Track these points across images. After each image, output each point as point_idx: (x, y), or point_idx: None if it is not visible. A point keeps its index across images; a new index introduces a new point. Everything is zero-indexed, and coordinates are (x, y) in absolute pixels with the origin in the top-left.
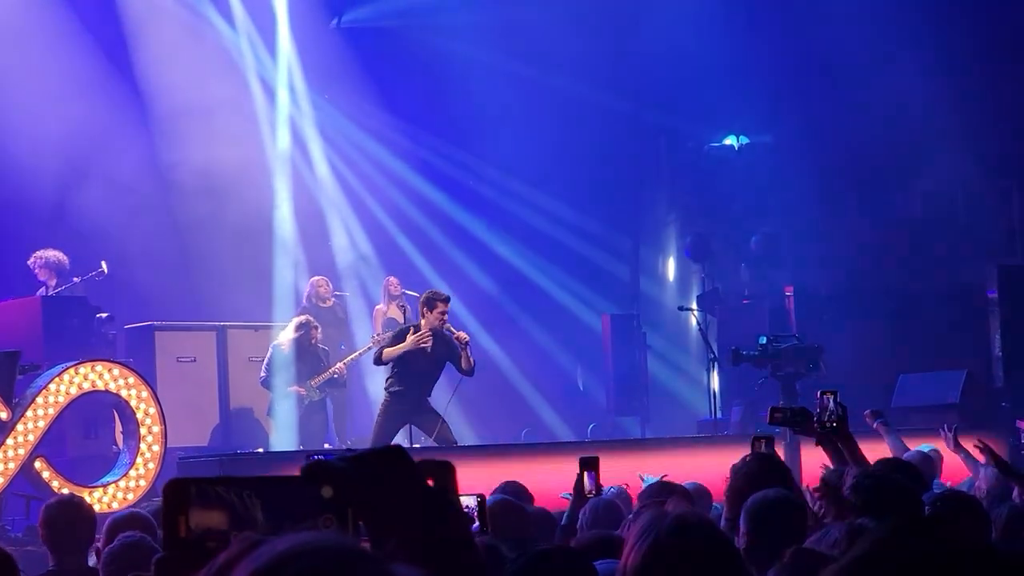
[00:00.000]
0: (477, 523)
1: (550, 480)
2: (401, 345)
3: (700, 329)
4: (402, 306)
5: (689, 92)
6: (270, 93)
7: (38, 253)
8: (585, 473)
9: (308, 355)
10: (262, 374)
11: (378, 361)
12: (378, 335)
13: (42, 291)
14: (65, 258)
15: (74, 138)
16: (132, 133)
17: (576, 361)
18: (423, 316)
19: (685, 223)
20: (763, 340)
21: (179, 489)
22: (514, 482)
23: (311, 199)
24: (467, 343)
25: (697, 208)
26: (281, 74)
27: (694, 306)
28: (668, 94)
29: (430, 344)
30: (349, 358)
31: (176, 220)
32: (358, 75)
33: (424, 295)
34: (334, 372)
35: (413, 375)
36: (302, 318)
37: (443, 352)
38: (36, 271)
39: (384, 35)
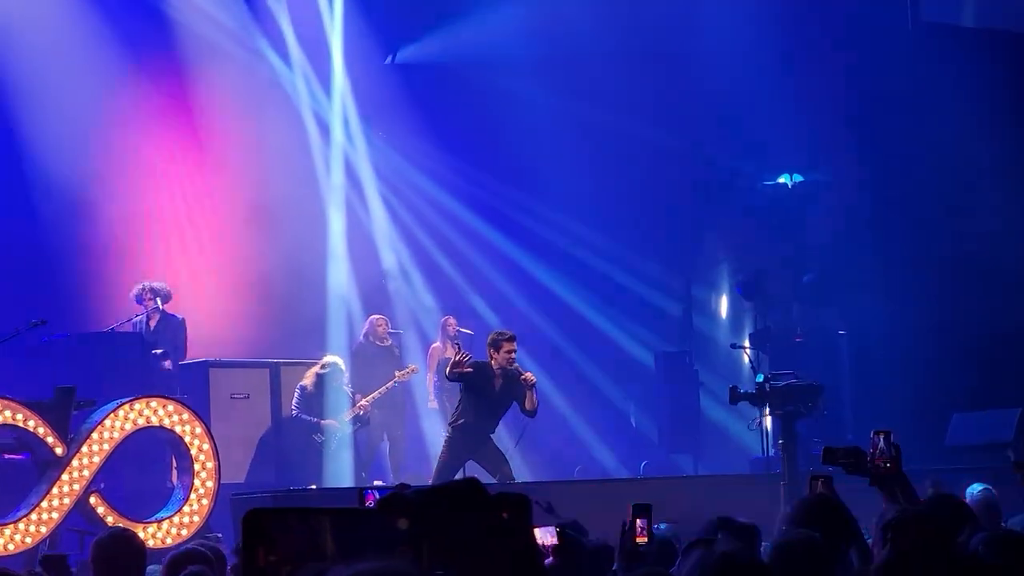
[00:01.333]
0: (550, 557)
1: (602, 518)
2: (464, 367)
3: (752, 367)
4: (457, 344)
5: (743, 130)
6: (324, 129)
7: (143, 283)
8: (637, 520)
9: (334, 392)
10: (293, 412)
11: (449, 376)
12: (399, 373)
13: (140, 318)
14: (168, 286)
15: (128, 174)
16: (186, 169)
17: (629, 398)
18: (491, 357)
19: (738, 261)
20: (760, 378)
21: (257, 520)
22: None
23: (365, 236)
24: (533, 384)
25: (750, 246)
26: (336, 111)
27: (746, 344)
28: (722, 132)
29: (470, 370)
30: (373, 395)
31: (230, 256)
32: (411, 112)
33: (490, 336)
34: (360, 409)
35: (479, 411)
36: (330, 359)
37: (510, 391)
38: (143, 300)
39: (437, 72)
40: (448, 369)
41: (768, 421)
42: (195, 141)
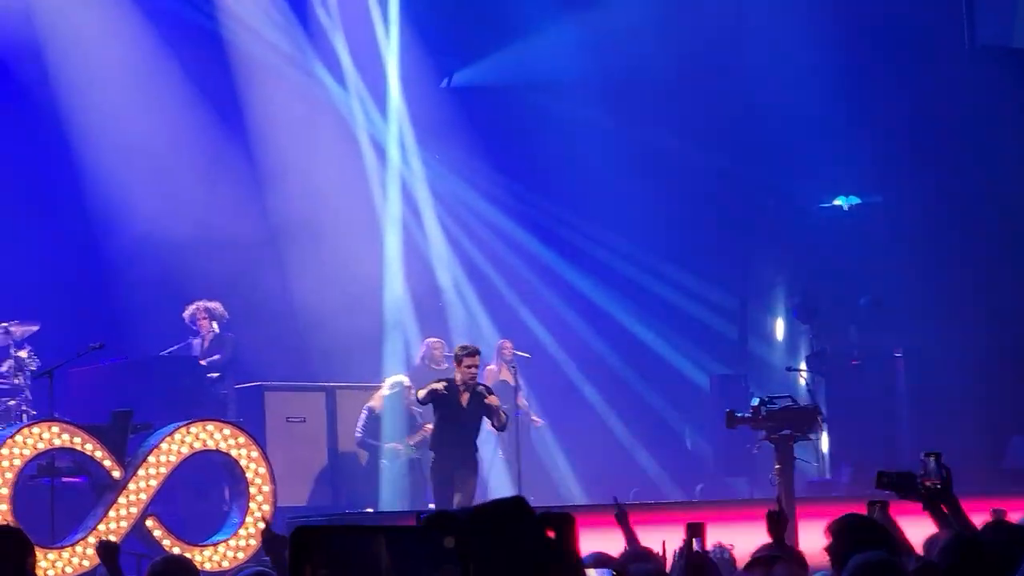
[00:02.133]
0: None
1: (658, 540)
2: (430, 386)
3: (809, 390)
4: (513, 367)
5: (799, 152)
6: (380, 151)
7: (198, 303)
8: (692, 539)
9: (402, 414)
10: (358, 435)
11: (421, 399)
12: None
13: (198, 341)
14: (222, 307)
15: (184, 197)
16: (241, 192)
17: (684, 421)
18: (456, 369)
19: (793, 283)
20: (755, 402)
21: (305, 536)
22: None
23: (421, 258)
24: (496, 407)
25: (806, 268)
26: (391, 133)
27: (803, 367)
28: (777, 154)
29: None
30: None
31: (285, 280)
32: (467, 134)
33: (454, 351)
34: (424, 433)
35: (450, 427)
36: (396, 378)
37: (478, 406)
38: (198, 321)
39: (493, 94)
40: (422, 393)
41: (825, 443)
42: (251, 163)
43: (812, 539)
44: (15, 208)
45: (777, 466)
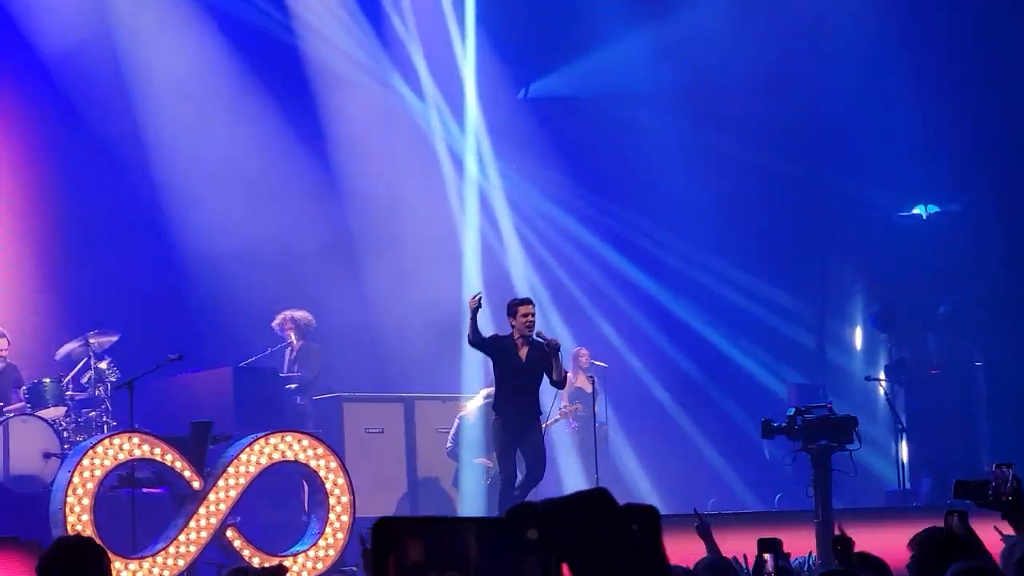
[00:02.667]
0: None
1: (737, 551)
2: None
3: (887, 399)
4: (591, 376)
5: (877, 161)
6: (458, 163)
7: (285, 313)
8: (765, 555)
9: (489, 428)
10: (448, 444)
11: (469, 343)
12: (566, 406)
13: (289, 351)
14: (310, 317)
15: (262, 210)
16: (319, 205)
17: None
18: (511, 327)
19: (872, 292)
20: (791, 412)
21: (388, 529)
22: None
23: (499, 269)
24: (558, 348)
25: (884, 277)
26: (469, 143)
27: (881, 376)
28: (856, 163)
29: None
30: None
31: (363, 291)
32: (544, 144)
33: (507, 304)
34: None
35: (509, 386)
36: (490, 389)
37: (537, 360)
38: (284, 330)
39: (570, 104)
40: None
41: (904, 452)
42: (328, 174)
43: (894, 552)
44: (94, 221)
45: (813, 477)
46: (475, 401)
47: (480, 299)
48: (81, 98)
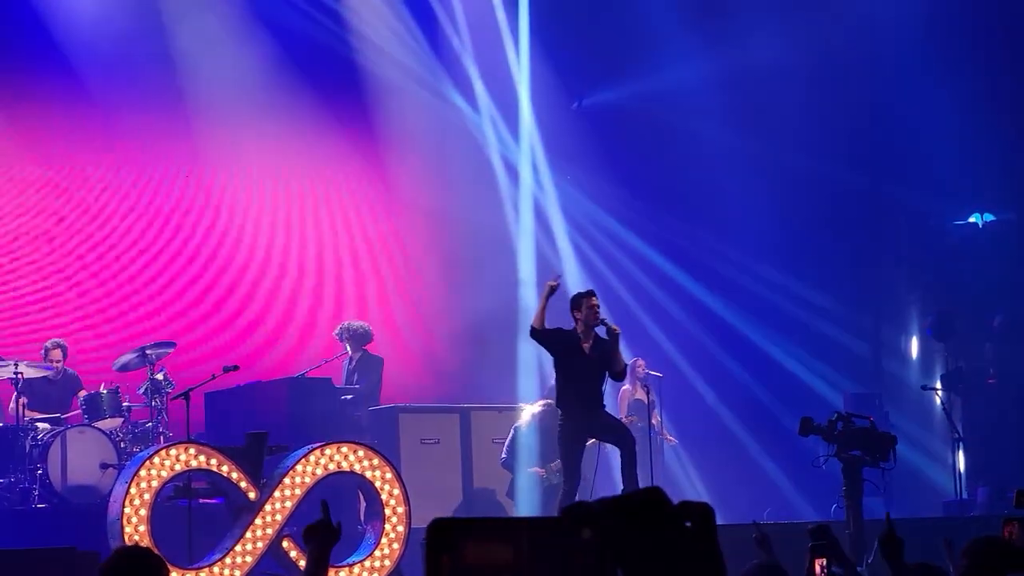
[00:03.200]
0: None
1: (791, 562)
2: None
3: (944, 408)
4: (646, 386)
5: (933, 170)
6: (512, 173)
7: (343, 324)
8: (816, 561)
9: (549, 437)
10: (503, 455)
11: (533, 332)
12: (624, 419)
13: (347, 362)
14: (368, 327)
15: (318, 221)
16: (374, 212)
17: (817, 439)
18: (575, 320)
19: (927, 301)
20: (833, 415)
21: (443, 529)
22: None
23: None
24: (619, 335)
25: (940, 286)
26: (524, 154)
27: (938, 385)
28: (911, 172)
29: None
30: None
31: (419, 301)
32: (599, 155)
33: (570, 299)
34: None
35: (574, 382)
36: (545, 401)
37: (601, 352)
38: (343, 340)
39: (624, 115)
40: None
41: (961, 461)
42: (383, 185)
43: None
44: (151, 232)
45: (844, 488)
46: (530, 411)
47: (559, 281)
48: (135, 109)
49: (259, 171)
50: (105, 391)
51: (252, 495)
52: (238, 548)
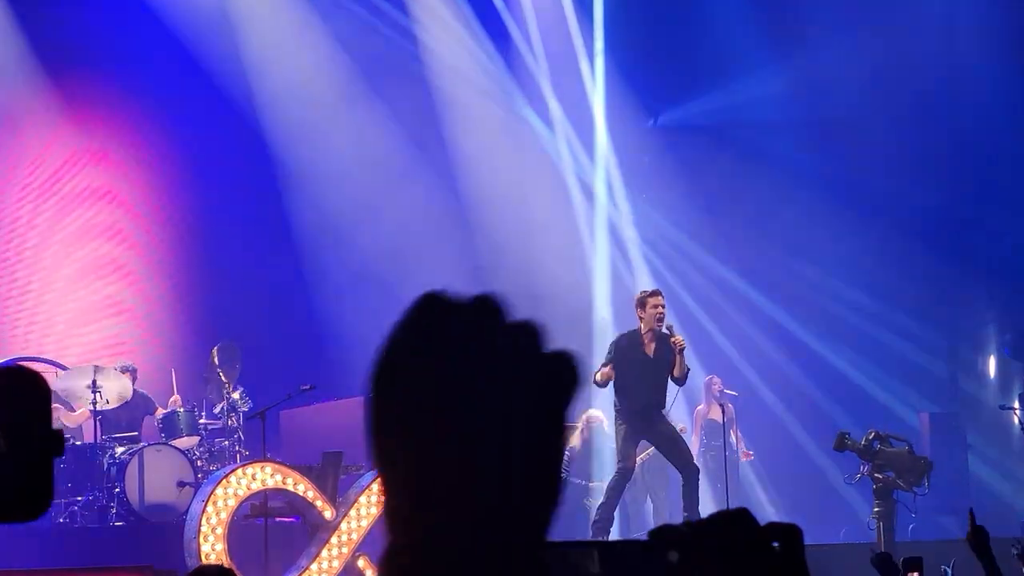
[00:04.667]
0: None
1: None
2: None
3: (1022, 428)
4: (722, 404)
5: (1010, 187)
6: (587, 192)
7: None
8: (909, 574)
9: (593, 451)
10: (563, 474)
11: (599, 383)
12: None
13: None
14: None
15: (391, 235)
16: (449, 233)
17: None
18: (639, 319)
19: (1005, 320)
20: (871, 434)
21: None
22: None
23: (629, 297)
24: (683, 348)
25: (1017, 305)
26: (598, 173)
27: (1016, 405)
28: (988, 190)
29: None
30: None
31: None
32: (675, 174)
33: (636, 297)
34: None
35: (635, 383)
36: (589, 413)
37: (663, 354)
38: None
39: (700, 134)
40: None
41: None
42: (457, 203)
43: None
44: (224, 251)
45: (876, 509)
46: (578, 429)
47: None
48: (209, 121)
49: (337, 190)
50: (182, 410)
51: (328, 514)
52: (314, 567)
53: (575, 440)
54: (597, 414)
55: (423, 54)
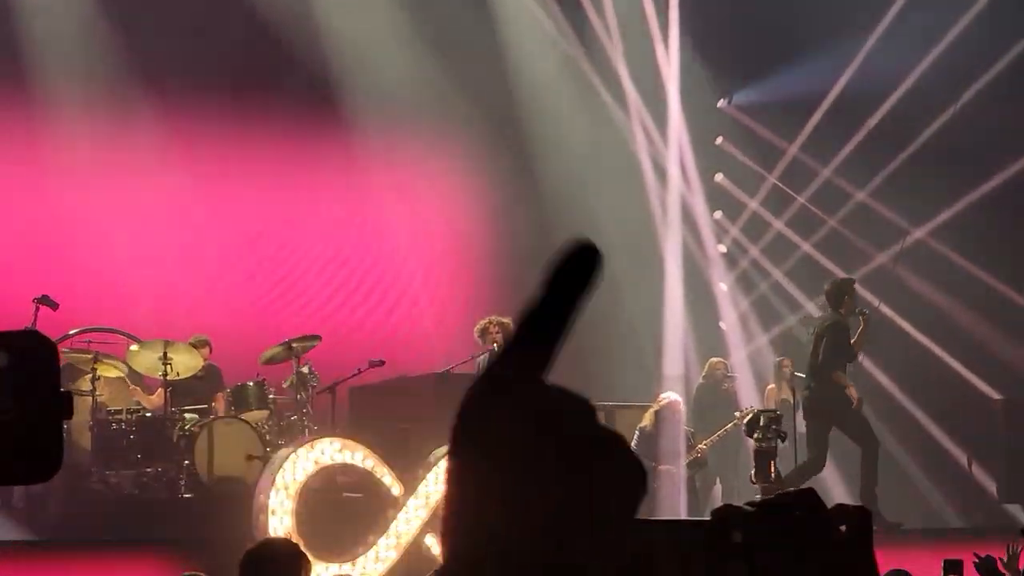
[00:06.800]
0: None
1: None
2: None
3: None
4: (792, 386)
5: None
6: (660, 171)
7: (491, 318)
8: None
9: (671, 432)
10: None
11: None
12: (743, 411)
13: (483, 357)
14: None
15: (461, 211)
16: (522, 207)
17: (967, 443)
18: (843, 305)
19: None
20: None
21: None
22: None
23: (701, 280)
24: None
25: None
26: (672, 152)
27: None
28: None
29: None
30: (711, 439)
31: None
32: (748, 153)
33: (834, 286)
34: (697, 453)
35: (845, 369)
36: (666, 395)
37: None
38: (488, 334)
39: (773, 112)
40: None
41: None
42: (530, 181)
43: None
44: (297, 227)
45: None
46: (651, 409)
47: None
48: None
49: (406, 167)
50: (252, 383)
51: (396, 491)
52: (381, 542)
53: (648, 420)
54: (676, 399)
55: (497, 26)
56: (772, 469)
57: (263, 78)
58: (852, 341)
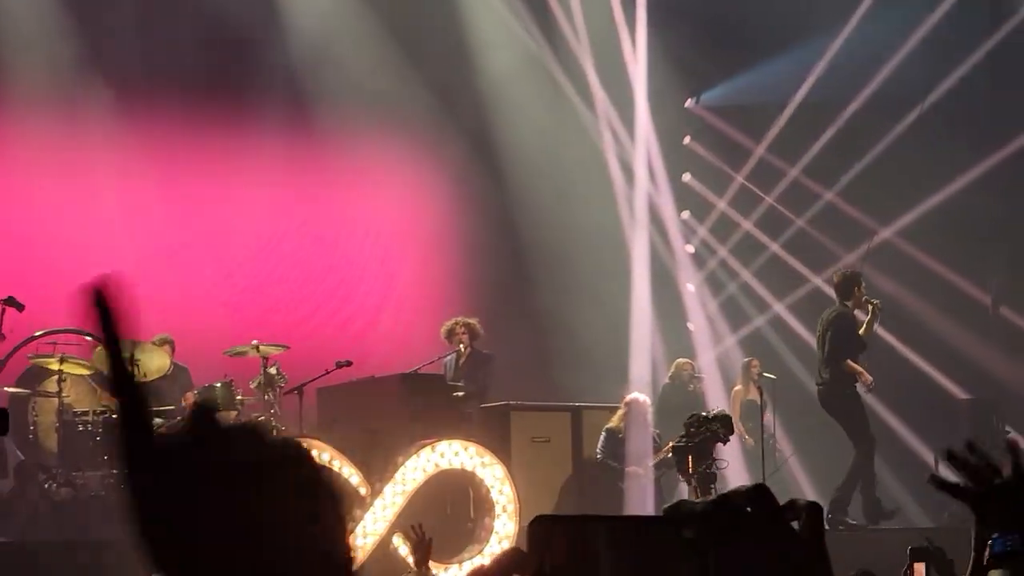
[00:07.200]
0: None
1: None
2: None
3: None
4: (759, 387)
5: None
6: (627, 171)
7: (457, 319)
8: (915, 564)
9: (640, 435)
10: (597, 456)
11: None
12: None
13: (450, 358)
14: (478, 324)
15: (430, 210)
16: (489, 206)
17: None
18: (853, 297)
19: None
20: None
21: (543, 526)
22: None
23: (668, 280)
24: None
25: None
26: (639, 152)
27: None
28: None
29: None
30: (678, 439)
31: (534, 302)
32: (715, 153)
33: (842, 277)
34: (667, 452)
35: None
36: (633, 397)
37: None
38: (456, 336)
39: (740, 113)
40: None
41: None
42: (493, 182)
43: None
44: (261, 227)
45: None
46: (620, 411)
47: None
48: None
49: (371, 167)
50: (219, 384)
51: (363, 491)
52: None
53: (615, 421)
54: (643, 399)
55: (462, 25)
56: (691, 466)
57: (228, 76)
58: (860, 331)
